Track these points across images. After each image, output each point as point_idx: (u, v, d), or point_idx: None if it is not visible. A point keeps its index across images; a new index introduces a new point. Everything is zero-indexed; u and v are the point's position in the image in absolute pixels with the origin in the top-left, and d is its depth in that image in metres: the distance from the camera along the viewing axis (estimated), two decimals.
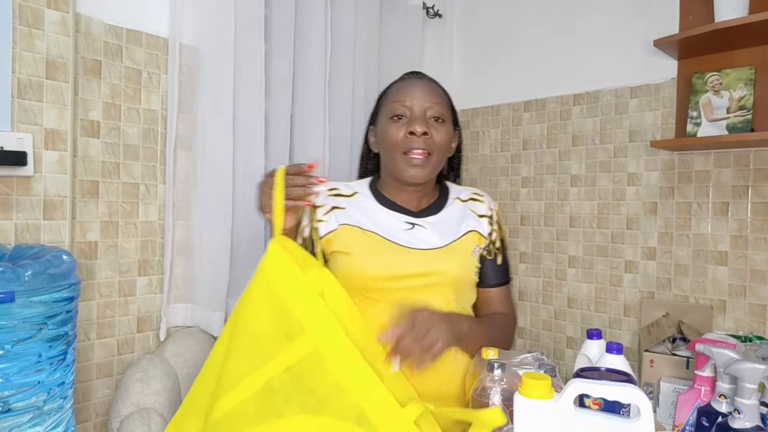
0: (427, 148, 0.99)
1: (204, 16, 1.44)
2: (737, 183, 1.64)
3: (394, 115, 1.01)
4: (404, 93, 1.02)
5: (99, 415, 1.34)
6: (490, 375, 0.83)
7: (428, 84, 1.05)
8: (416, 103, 1.01)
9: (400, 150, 1.00)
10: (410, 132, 0.98)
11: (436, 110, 1.02)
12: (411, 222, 1.04)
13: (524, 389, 0.66)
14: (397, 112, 1.01)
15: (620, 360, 0.95)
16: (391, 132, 1.00)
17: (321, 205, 1.04)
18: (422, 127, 0.98)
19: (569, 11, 1.99)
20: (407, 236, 1.01)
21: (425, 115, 1.01)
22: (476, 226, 1.09)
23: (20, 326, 0.90)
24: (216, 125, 1.46)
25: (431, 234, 1.03)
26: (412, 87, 1.03)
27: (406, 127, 0.99)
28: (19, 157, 1.12)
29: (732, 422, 0.77)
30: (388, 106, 1.04)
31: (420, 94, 1.02)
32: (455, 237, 1.04)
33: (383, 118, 1.04)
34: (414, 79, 1.06)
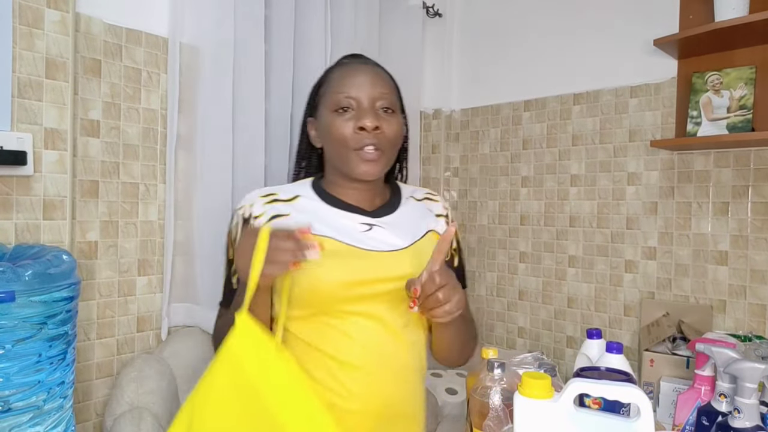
0: (379, 144, 0.89)
1: (204, 15, 1.44)
2: (737, 183, 1.64)
3: (339, 108, 0.89)
4: (349, 82, 0.90)
5: (99, 414, 1.34)
6: (490, 375, 0.83)
7: (374, 70, 0.94)
8: (363, 94, 0.89)
9: (351, 147, 0.89)
10: (360, 127, 0.88)
11: (386, 100, 0.91)
12: (368, 223, 0.93)
13: (524, 389, 0.66)
14: (342, 104, 0.89)
15: (620, 360, 0.95)
16: (337, 127, 0.89)
17: (258, 214, 0.90)
18: (373, 122, 0.87)
19: (569, 11, 1.99)
20: (366, 238, 0.90)
21: (374, 106, 0.90)
22: (434, 225, 1.01)
23: (20, 326, 0.90)
24: (216, 125, 1.46)
25: (391, 235, 0.93)
26: (357, 75, 0.91)
27: (355, 121, 0.88)
28: (19, 157, 1.12)
29: (732, 421, 0.77)
30: (330, 96, 0.91)
31: (368, 83, 0.90)
32: (417, 237, 0.96)
33: (325, 109, 0.92)
34: (357, 64, 0.94)
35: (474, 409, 0.83)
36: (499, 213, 2.20)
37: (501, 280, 2.20)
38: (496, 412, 0.79)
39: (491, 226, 2.23)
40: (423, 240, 0.96)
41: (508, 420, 0.77)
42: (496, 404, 0.79)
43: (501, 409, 0.79)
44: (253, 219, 0.90)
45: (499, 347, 1.48)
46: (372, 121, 0.87)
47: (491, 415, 0.79)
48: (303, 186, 0.98)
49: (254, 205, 0.91)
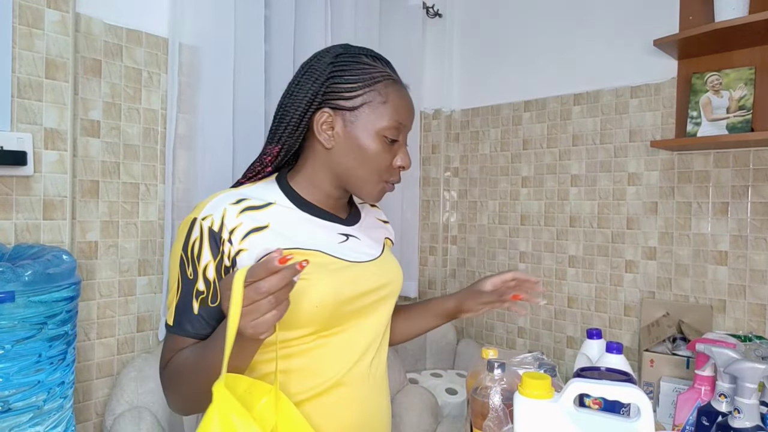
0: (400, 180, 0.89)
1: (204, 16, 1.44)
2: (737, 183, 1.64)
3: (389, 137, 0.82)
4: (405, 114, 0.85)
5: (99, 414, 1.34)
6: (490, 375, 0.83)
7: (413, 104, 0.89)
8: (407, 129, 0.86)
9: (383, 179, 0.85)
10: (400, 166, 0.86)
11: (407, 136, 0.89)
12: (344, 233, 0.88)
13: (524, 389, 0.66)
14: (395, 135, 0.83)
15: (620, 360, 0.96)
16: (381, 156, 0.82)
17: (233, 227, 0.75)
18: (408, 163, 0.87)
19: (569, 11, 1.99)
20: (345, 249, 0.85)
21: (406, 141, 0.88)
22: (386, 233, 1.03)
23: (20, 326, 0.90)
24: (216, 125, 1.46)
25: (364, 244, 0.90)
26: (410, 108, 0.86)
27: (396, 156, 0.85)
28: (19, 157, 1.12)
29: (732, 421, 0.77)
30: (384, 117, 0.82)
31: (412, 117, 0.87)
32: (381, 245, 0.96)
33: (371, 125, 0.81)
34: (406, 91, 0.88)
35: (474, 409, 0.83)
36: (500, 213, 2.20)
37: None
38: (496, 412, 0.79)
39: (491, 226, 2.23)
40: (385, 248, 0.96)
41: (508, 420, 0.77)
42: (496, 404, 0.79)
43: (501, 409, 0.79)
44: (227, 233, 0.74)
45: (499, 347, 1.48)
46: (410, 163, 0.87)
47: (491, 415, 0.79)
48: (271, 188, 0.85)
49: (226, 214, 0.75)
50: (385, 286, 0.89)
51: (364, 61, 0.84)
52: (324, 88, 0.82)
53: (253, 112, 1.54)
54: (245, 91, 1.53)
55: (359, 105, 0.81)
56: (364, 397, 0.84)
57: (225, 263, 0.74)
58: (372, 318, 0.87)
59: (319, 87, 0.82)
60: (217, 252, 0.73)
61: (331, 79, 0.82)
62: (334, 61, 0.83)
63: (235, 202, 0.77)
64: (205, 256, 0.73)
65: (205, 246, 0.73)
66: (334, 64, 0.83)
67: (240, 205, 0.77)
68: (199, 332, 0.74)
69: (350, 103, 0.81)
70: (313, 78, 0.83)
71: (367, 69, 0.83)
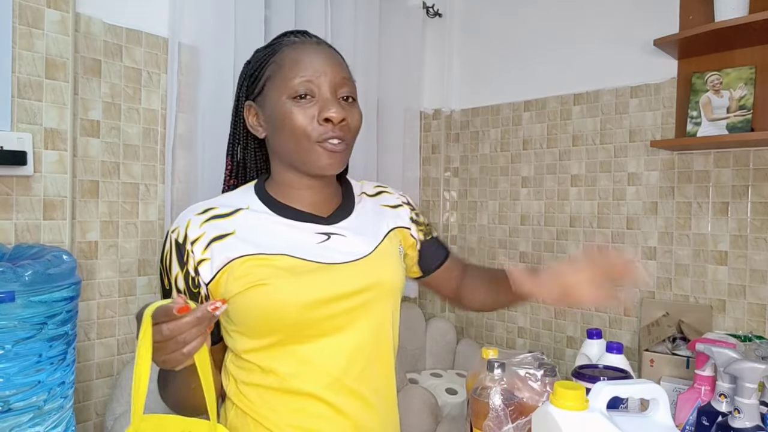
0: (344, 136, 0.79)
1: (204, 16, 1.44)
2: (737, 183, 1.64)
3: (297, 94, 0.77)
4: (308, 66, 0.78)
5: (99, 414, 1.34)
6: (490, 375, 0.83)
7: (332, 53, 0.83)
8: (325, 80, 0.78)
9: (314, 139, 0.78)
10: (325, 119, 0.77)
11: (348, 88, 0.81)
12: (325, 232, 0.82)
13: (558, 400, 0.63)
14: (300, 90, 0.77)
15: (620, 359, 0.96)
16: (297, 116, 0.77)
17: (195, 238, 0.75)
18: (340, 113, 0.77)
19: (569, 11, 1.99)
20: (324, 250, 0.80)
21: (336, 93, 0.79)
22: (396, 221, 0.93)
23: (20, 326, 0.90)
24: (216, 125, 1.46)
25: (351, 242, 0.83)
26: (315, 56, 0.79)
27: (319, 110, 0.77)
28: (19, 157, 1.12)
29: (732, 421, 0.77)
30: (285, 80, 0.78)
31: (329, 67, 0.79)
32: (380, 239, 0.87)
33: (277, 94, 0.79)
34: (312, 45, 0.81)
35: (474, 409, 0.83)
36: (499, 213, 2.20)
37: None
38: (496, 412, 0.79)
39: (491, 226, 2.23)
40: (386, 241, 0.88)
41: (509, 420, 0.77)
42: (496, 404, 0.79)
43: (501, 409, 0.79)
44: (189, 244, 0.74)
45: (499, 347, 1.48)
46: (339, 113, 0.77)
47: (491, 415, 0.79)
48: (246, 194, 0.84)
49: (190, 225, 0.76)
50: (368, 289, 0.80)
51: (269, 43, 0.84)
52: (244, 85, 0.84)
53: None
54: None
55: (263, 84, 0.81)
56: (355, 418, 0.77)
57: (191, 274, 0.75)
58: (355, 325, 0.79)
59: (240, 86, 0.85)
60: (183, 263, 0.75)
61: (243, 80, 0.85)
62: (248, 60, 0.86)
63: (201, 212, 0.78)
64: (174, 268, 0.75)
65: (174, 258, 0.75)
66: (248, 62, 0.86)
67: (205, 215, 0.78)
68: None
69: (258, 87, 0.82)
70: (237, 86, 0.87)
71: (266, 49, 0.83)
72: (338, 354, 0.77)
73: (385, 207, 0.93)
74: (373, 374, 0.81)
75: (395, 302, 0.86)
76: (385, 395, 0.83)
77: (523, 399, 0.81)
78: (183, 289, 0.75)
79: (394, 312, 0.85)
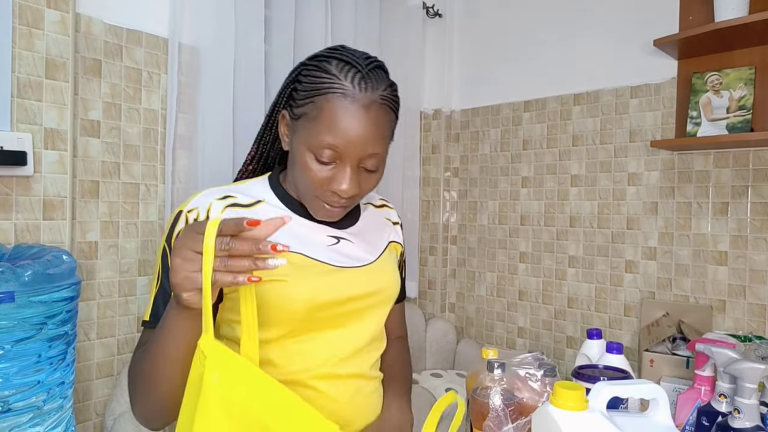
0: (349, 204, 0.79)
1: (204, 16, 1.44)
2: (737, 183, 1.64)
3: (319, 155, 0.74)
4: (342, 133, 0.72)
5: (99, 414, 1.34)
6: (490, 375, 0.83)
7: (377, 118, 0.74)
8: (352, 152, 0.74)
9: (316, 194, 0.77)
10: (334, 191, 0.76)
11: (374, 160, 0.77)
12: (335, 236, 0.84)
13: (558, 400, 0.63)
14: (323, 153, 0.74)
15: (620, 359, 0.96)
16: (310, 173, 0.75)
17: None
18: (351, 190, 0.75)
19: (569, 11, 1.99)
20: (333, 253, 0.81)
21: (359, 165, 0.76)
22: (394, 236, 0.96)
23: (20, 326, 0.90)
24: (216, 125, 1.46)
25: (358, 248, 0.86)
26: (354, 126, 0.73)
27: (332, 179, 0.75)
28: (19, 157, 1.12)
29: (732, 422, 0.77)
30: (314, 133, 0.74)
31: (362, 140, 0.73)
32: (381, 249, 0.90)
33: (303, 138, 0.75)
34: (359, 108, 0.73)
35: (474, 410, 0.83)
36: (499, 213, 2.20)
37: (501, 280, 2.20)
38: (496, 412, 0.79)
39: (491, 226, 2.23)
40: (386, 252, 0.91)
41: (509, 420, 0.77)
42: (496, 404, 0.79)
43: (501, 409, 0.79)
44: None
45: (499, 347, 1.48)
46: (350, 189, 0.75)
47: (491, 415, 0.79)
48: (262, 186, 0.84)
49: (212, 208, 0.76)
50: (372, 295, 0.84)
51: (327, 68, 0.75)
52: (288, 91, 0.81)
53: (253, 112, 1.54)
54: (245, 91, 1.53)
55: (300, 115, 0.76)
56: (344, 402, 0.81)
57: None
58: (355, 326, 0.83)
59: (284, 88, 0.82)
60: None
61: (295, 82, 0.80)
62: (306, 63, 0.80)
63: (221, 197, 0.78)
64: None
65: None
66: (304, 65, 0.80)
67: (225, 201, 0.77)
68: None
69: (296, 112, 0.78)
70: (286, 78, 0.82)
71: (321, 78, 0.75)
72: (334, 347, 0.80)
73: (387, 220, 0.97)
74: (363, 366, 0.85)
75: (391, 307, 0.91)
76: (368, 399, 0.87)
77: (523, 399, 0.81)
78: None
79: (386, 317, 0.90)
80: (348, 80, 0.73)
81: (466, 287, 2.32)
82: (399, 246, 0.99)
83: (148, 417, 0.71)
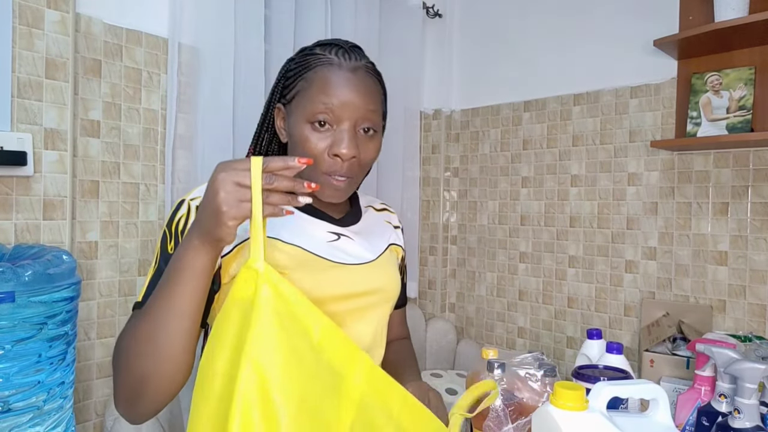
0: (351, 172, 0.80)
1: (204, 16, 1.44)
2: (737, 183, 1.64)
3: (315, 120, 0.77)
4: (334, 91, 0.76)
5: (99, 414, 1.34)
6: (490, 375, 0.83)
7: (366, 80, 0.79)
8: (347, 112, 0.77)
9: (322, 170, 0.78)
10: (335, 154, 0.77)
11: (370, 121, 0.80)
12: (336, 232, 0.85)
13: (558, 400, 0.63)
14: (319, 117, 0.76)
15: (620, 360, 0.96)
16: (310, 144, 0.77)
17: None
18: (351, 151, 0.77)
19: (569, 11, 1.99)
20: (333, 249, 0.82)
21: (355, 128, 0.78)
22: (395, 239, 0.98)
23: (20, 326, 0.90)
24: (216, 125, 1.46)
25: (358, 246, 0.86)
26: (344, 86, 0.77)
27: (331, 144, 0.77)
28: (19, 157, 1.12)
29: (732, 422, 0.77)
30: (308, 101, 0.77)
31: (356, 99, 0.77)
32: (381, 250, 0.91)
33: (299, 113, 0.78)
34: (345, 71, 0.78)
35: None
36: (499, 213, 2.20)
37: (501, 280, 2.20)
38: (496, 412, 0.79)
39: (491, 226, 2.23)
40: (386, 253, 0.91)
41: (508, 420, 0.77)
42: (496, 404, 0.79)
43: (501, 409, 0.79)
44: None
45: (499, 347, 1.48)
46: (350, 150, 0.77)
47: (491, 415, 0.79)
48: None
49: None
50: (371, 294, 0.84)
51: (312, 51, 0.81)
52: (279, 86, 0.84)
53: (253, 113, 1.54)
54: (245, 91, 1.53)
55: (294, 95, 0.80)
56: None
57: None
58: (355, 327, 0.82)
59: (275, 85, 0.85)
60: None
61: (283, 76, 0.84)
62: (292, 57, 0.84)
63: None
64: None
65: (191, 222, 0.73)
66: (290, 60, 0.83)
67: None
68: None
69: (289, 96, 0.81)
70: (276, 77, 0.86)
71: (307, 58, 0.80)
72: None
73: (387, 223, 0.99)
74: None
75: (391, 309, 0.91)
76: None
77: (523, 399, 0.81)
78: None
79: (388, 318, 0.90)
80: (332, 54, 0.79)
81: (466, 287, 2.32)
82: (400, 249, 0.99)
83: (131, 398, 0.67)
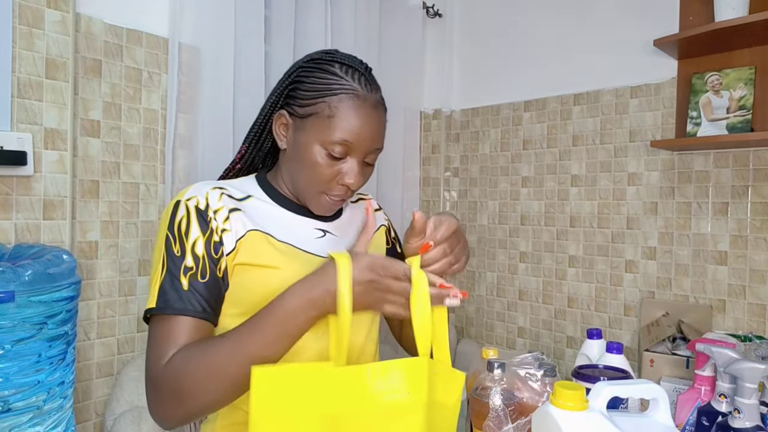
0: (347, 197, 0.85)
1: (204, 16, 1.44)
2: (737, 183, 1.64)
3: (332, 150, 0.79)
4: (356, 131, 0.79)
5: (99, 414, 1.34)
6: (490, 375, 0.83)
7: (382, 119, 0.83)
8: (362, 147, 0.80)
9: (322, 189, 0.82)
10: (343, 183, 0.81)
11: (375, 154, 0.84)
12: (322, 229, 0.88)
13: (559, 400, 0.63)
14: (337, 149, 0.79)
15: (620, 359, 0.96)
16: (321, 169, 0.80)
17: (217, 208, 0.78)
18: (359, 183, 0.82)
19: (569, 11, 1.99)
20: (320, 245, 0.85)
21: (363, 161, 0.82)
22: (380, 220, 1.00)
23: (20, 326, 0.90)
24: (216, 125, 1.46)
25: (342, 242, 0.88)
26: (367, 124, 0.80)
27: (342, 173, 0.81)
28: (19, 157, 1.12)
29: (732, 422, 0.77)
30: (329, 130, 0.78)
31: (372, 137, 0.81)
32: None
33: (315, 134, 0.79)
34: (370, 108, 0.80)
35: (474, 409, 0.83)
36: (499, 213, 2.20)
37: (501, 280, 2.20)
38: (496, 412, 0.79)
39: (491, 226, 2.23)
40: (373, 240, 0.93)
41: (508, 420, 0.77)
42: (496, 404, 0.79)
43: (501, 409, 0.79)
44: (212, 212, 0.77)
45: (499, 347, 1.48)
46: (357, 182, 0.81)
47: (491, 415, 0.79)
48: (250, 184, 0.88)
49: (210, 196, 0.78)
50: None
51: (331, 70, 0.81)
52: (287, 91, 0.84)
53: (253, 113, 1.53)
54: (245, 91, 1.53)
55: (309, 114, 0.80)
56: None
57: (214, 239, 0.76)
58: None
59: (283, 89, 0.85)
60: (206, 228, 0.76)
61: (294, 83, 0.83)
62: (304, 65, 0.83)
63: (215, 188, 0.81)
64: (193, 233, 0.75)
65: (193, 223, 0.76)
66: (303, 68, 0.83)
67: (220, 191, 0.80)
68: (189, 308, 0.72)
69: (302, 111, 0.81)
70: (282, 80, 0.86)
71: (328, 79, 0.80)
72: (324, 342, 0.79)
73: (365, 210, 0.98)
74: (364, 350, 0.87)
75: None
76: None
77: (523, 399, 0.81)
78: (201, 254, 0.75)
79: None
80: (355, 82, 0.80)
81: (465, 287, 2.32)
82: (383, 227, 1.01)
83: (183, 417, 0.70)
